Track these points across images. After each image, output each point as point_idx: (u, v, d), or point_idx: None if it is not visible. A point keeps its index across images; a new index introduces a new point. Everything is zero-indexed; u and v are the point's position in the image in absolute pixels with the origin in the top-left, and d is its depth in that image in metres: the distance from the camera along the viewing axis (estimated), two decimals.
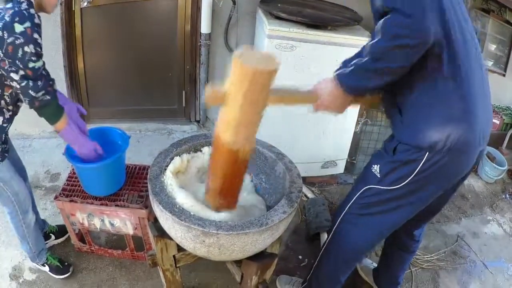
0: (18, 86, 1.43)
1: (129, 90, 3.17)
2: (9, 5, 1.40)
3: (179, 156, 1.65)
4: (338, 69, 1.31)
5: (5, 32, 1.34)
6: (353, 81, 1.26)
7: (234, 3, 2.75)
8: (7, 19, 1.35)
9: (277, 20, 2.31)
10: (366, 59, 1.20)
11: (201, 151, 1.74)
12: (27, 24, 1.36)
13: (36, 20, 1.40)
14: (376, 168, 1.44)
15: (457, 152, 1.29)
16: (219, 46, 3.01)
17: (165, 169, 1.56)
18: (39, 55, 1.42)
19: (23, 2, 1.40)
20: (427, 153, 1.29)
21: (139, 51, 3.00)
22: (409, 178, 1.35)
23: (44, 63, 1.46)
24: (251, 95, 1.10)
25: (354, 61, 1.25)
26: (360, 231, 1.56)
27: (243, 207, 1.58)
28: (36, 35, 1.38)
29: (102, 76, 3.04)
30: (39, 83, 1.43)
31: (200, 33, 2.88)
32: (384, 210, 1.48)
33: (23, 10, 1.37)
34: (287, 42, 2.26)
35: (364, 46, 1.23)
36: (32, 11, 1.39)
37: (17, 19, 1.35)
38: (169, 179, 1.52)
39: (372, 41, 1.18)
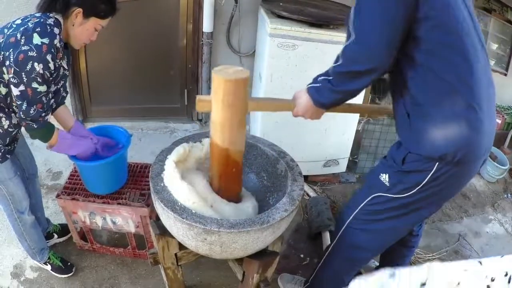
0: (14, 99, 1.41)
1: (131, 89, 3.17)
2: (38, 14, 1.38)
3: (181, 145, 1.61)
4: (310, 83, 1.37)
5: (23, 37, 1.31)
6: (320, 98, 1.33)
7: (236, 1, 2.75)
8: (30, 25, 1.32)
9: (279, 18, 2.31)
10: (330, 78, 1.27)
11: (200, 141, 1.70)
12: (46, 40, 1.32)
13: (56, 42, 1.35)
14: (385, 177, 1.45)
15: (465, 163, 1.30)
16: (221, 44, 3.02)
17: (167, 158, 1.53)
18: (45, 80, 1.37)
19: (51, 17, 1.37)
20: (437, 163, 1.30)
21: (141, 50, 3.00)
22: (419, 187, 1.37)
23: (47, 89, 1.41)
24: (227, 100, 1.29)
25: (322, 78, 1.31)
26: (369, 236, 1.56)
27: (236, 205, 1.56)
28: (49, 57, 1.34)
29: (104, 74, 3.04)
30: (32, 110, 1.39)
31: (202, 32, 2.88)
32: (393, 216, 1.48)
33: (47, 24, 1.34)
34: (289, 41, 2.26)
35: (330, 67, 1.29)
36: (56, 30, 1.36)
37: (38, 29, 1.31)
38: (171, 169, 1.48)
39: (335, 64, 1.25)
